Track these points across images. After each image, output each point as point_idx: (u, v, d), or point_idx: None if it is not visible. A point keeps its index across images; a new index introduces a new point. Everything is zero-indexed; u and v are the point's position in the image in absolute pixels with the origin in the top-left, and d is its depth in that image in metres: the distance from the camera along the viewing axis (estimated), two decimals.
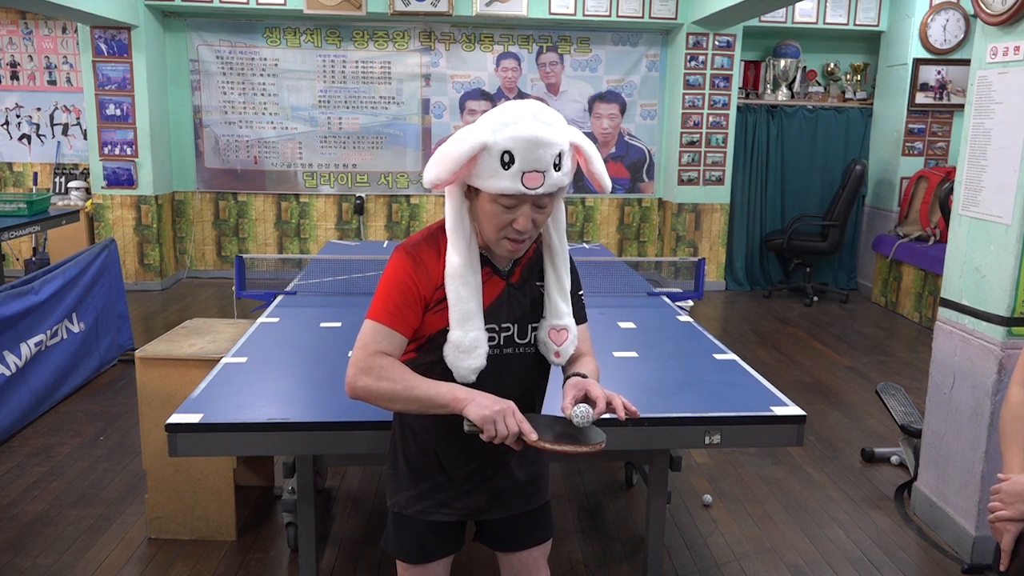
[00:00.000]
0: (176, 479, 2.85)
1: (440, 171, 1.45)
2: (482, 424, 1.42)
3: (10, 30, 7.16)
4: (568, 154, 1.48)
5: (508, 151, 1.42)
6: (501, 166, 1.43)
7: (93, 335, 4.59)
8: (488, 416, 1.42)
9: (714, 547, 2.95)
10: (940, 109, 6.90)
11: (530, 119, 1.44)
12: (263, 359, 2.55)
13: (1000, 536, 1.60)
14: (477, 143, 1.43)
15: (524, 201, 1.47)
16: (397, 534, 1.72)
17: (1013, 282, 2.70)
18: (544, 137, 1.42)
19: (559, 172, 1.46)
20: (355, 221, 7.42)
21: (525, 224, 1.48)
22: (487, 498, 1.68)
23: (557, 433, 1.48)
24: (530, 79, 7.28)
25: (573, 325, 1.62)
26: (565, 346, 1.61)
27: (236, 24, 6.96)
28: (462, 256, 1.52)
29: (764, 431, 2.17)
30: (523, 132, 1.42)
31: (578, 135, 1.51)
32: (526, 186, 1.44)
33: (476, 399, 1.45)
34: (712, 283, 7.36)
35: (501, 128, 1.43)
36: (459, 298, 1.52)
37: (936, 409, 3.11)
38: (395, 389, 1.48)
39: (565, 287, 1.62)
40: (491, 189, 1.45)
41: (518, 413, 1.44)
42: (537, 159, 1.42)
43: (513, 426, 1.42)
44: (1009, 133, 2.72)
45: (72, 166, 7.38)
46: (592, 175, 1.54)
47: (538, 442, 1.42)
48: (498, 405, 1.43)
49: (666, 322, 3.18)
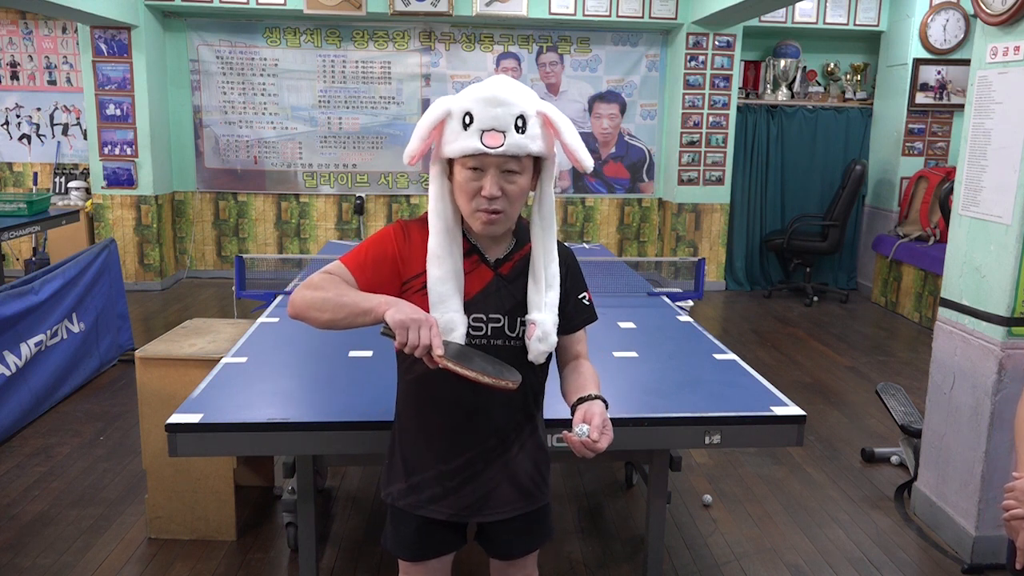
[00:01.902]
0: (176, 479, 2.85)
1: (413, 143, 1.51)
2: (396, 328, 1.39)
3: (10, 30, 7.16)
4: (534, 120, 1.49)
5: (468, 112, 1.47)
6: (463, 127, 1.47)
7: (93, 335, 4.59)
8: (403, 321, 1.39)
9: (714, 547, 2.95)
10: (940, 109, 6.90)
11: (493, 82, 1.50)
12: (263, 359, 2.55)
13: (1015, 534, 1.59)
14: (442, 110, 1.49)
15: (489, 164, 1.48)
16: (394, 531, 1.72)
17: (1013, 282, 2.70)
18: (501, 96, 1.46)
19: (521, 135, 1.47)
20: (355, 221, 7.42)
21: (491, 189, 1.48)
22: (479, 495, 1.66)
23: (474, 364, 1.43)
24: (530, 79, 7.28)
25: (546, 321, 1.58)
26: (532, 341, 1.58)
27: (236, 24, 6.96)
28: (439, 237, 1.54)
29: (764, 431, 2.17)
30: (481, 92, 1.48)
31: (548, 107, 1.52)
32: (485, 144, 1.45)
33: (399, 305, 1.42)
34: (712, 283, 7.36)
35: (465, 93, 1.50)
36: (434, 280, 1.53)
37: (936, 409, 3.11)
38: (326, 296, 1.48)
39: (541, 279, 1.59)
40: (455, 152, 1.49)
41: (435, 328, 1.41)
42: (494, 117, 1.45)
43: (426, 337, 1.38)
44: (1009, 133, 2.72)
45: (72, 166, 7.38)
46: (567, 149, 1.53)
47: (442, 359, 1.39)
48: (417, 314, 1.40)
49: (666, 322, 3.18)
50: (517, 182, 1.51)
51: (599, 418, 1.50)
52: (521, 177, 1.52)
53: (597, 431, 1.48)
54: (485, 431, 1.63)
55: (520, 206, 1.57)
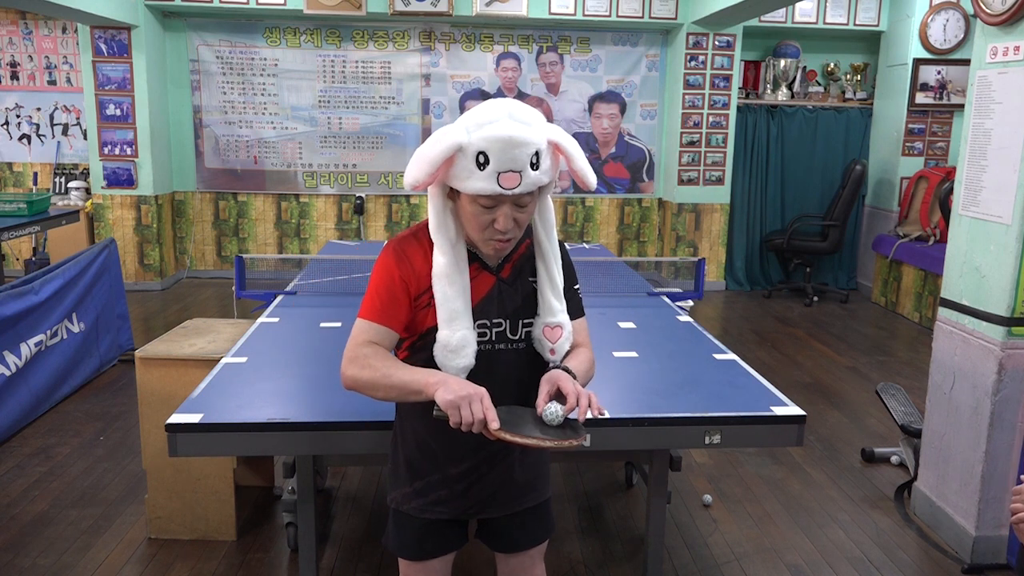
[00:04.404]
0: (176, 479, 2.85)
1: (418, 173, 1.46)
2: (448, 409, 1.40)
3: (10, 30, 7.16)
4: (546, 152, 1.47)
5: (483, 152, 1.42)
6: (476, 167, 1.43)
7: (93, 335, 4.59)
8: (453, 401, 1.40)
9: (714, 547, 2.95)
10: (940, 109, 6.90)
11: (505, 119, 1.43)
12: (263, 359, 2.55)
13: None
14: (452, 144, 1.43)
15: (503, 201, 1.46)
16: (397, 531, 1.72)
17: (1013, 282, 2.70)
18: (518, 137, 1.41)
19: (536, 171, 1.45)
20: (355, 221, 7.42)
21: (505, 224, 1.48)
22: (484, 496, 1.67)
23: (528, 426, 1.45)
24: (530, 79, 7.28)
25: (567, 322, 1.61)
26: (560, 343, 1.60)
27: (236, 24, 6.96)
28: (447, 256, 1.52)
29: (764, 431, 2.17)
30: (497, 132, 1.41)
31: (558, 132, 1.50)
32: (502, 186, 1.43)
33: (447, 383, 1.43)
34: (712, 283, 7.36)
35: (476, 129, 1.43)
36: (446, 298, 1.52)
37: (936, 409, 3.11)
38: (375, 377, 1.49)
39: (557, 284, 1.61)
40: (468, 190, 1.46)
41: (487, 400, 1.41)
42: (512, 159, 1.42)
43: (479, 413, 1.39)
44: (1009, 133, 2.72)
45: (72, 166, 7.38)
46: (575, 173, 1.53)
47: (500, 431, 1.40)
48: (465, 391, 1.41)
49: (666, 322, 3.18)
50: (527, 209, 1.51)
51: (571, 393, 1.47)
52: (531, 205, 1.52)
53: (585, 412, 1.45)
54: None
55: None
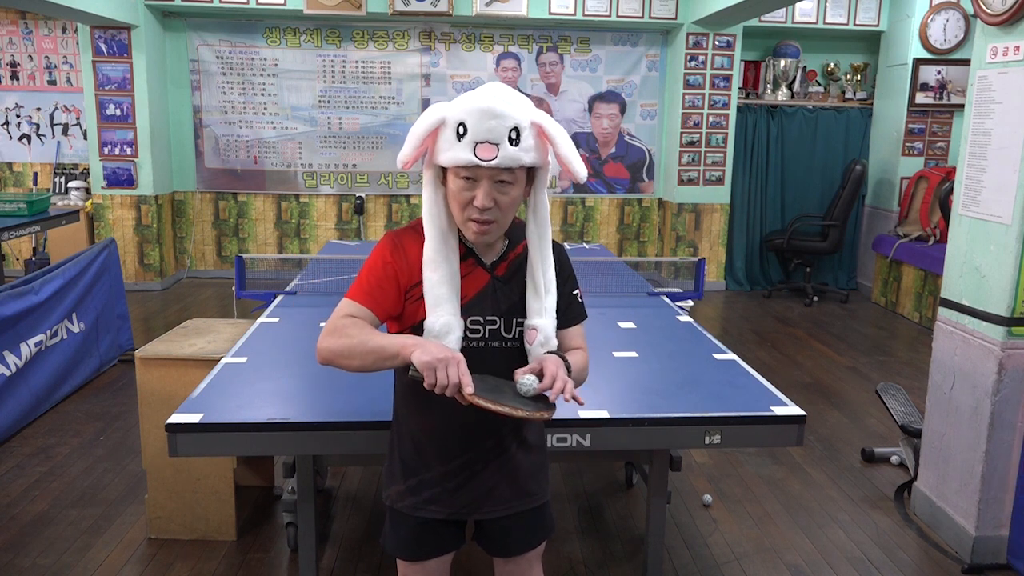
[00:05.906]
0: (176, 479, 2.85)
1: (407, 148, 1.52)
2: (423, 370, 1.40)
3: (10, 30, 7.16)
4: (528, 131, 1.48)
5: (462, 122, 1.46)
6: (456, 137, 1.46)
7: (93, 335, 4.59)
8: (430, 362, 1.40)
9: (714, 547, 2.95)
10: (940, 109, 6.90)
11: (488, 93, 1.48)
12: (263, 359, 2.55)
13: None
14: (436, 118, 1.49)
15: (481, 176, 1.48)
16: (393, 531, 1.72)
17: (1013, 282, 2.70)
18: (497, 108, 1.45)
19: (515, 147, 1.46)
20: (355, 221, 7.42)
21: (484, 200, 1.48)
22: (476, 496, 1.67)
23: (504, 396, 1.45)
24: (530, 79, 7.28)
25: (547, 325, 1.59)
26: (534, 346, 1.59)
27: (236, 24, 6.96)
28: (434, 242, 1.55)
29: (764, 431, 2.17)
30: (476, 103, 1.46)
31: (543, 117, 1.51)
32: (479, 156, 1.45)
33: (424, 346, 1.43)
34: (712, 283, 7.36)
35: (460, 103, 1.49)
36: (431, 283, 1.54)
37: (936, 409, 3.11)
38: (351, 344, 1.50)
39: (539, 285, 1.60)
40: (448, 162, 1.49)
41: (463, 365, 1.42)
42: (489, 129, 1.44)
43: (455, 376, 1.40)
44: (1009, 133, 2.72)
45: (72, 166, 7.38)
46: (561, 160, 1.53)
47: (473, 396, 1.40)
48: (443, 353, 1.41)
49: (666, 322, 3.18)
50: (509, 193, 1.51)
51: (551, 373, 1.48)
52: (514, 188, 1.52)
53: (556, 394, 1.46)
54: (483, 432, 1.63)
55: (512, 215, 1.58)
